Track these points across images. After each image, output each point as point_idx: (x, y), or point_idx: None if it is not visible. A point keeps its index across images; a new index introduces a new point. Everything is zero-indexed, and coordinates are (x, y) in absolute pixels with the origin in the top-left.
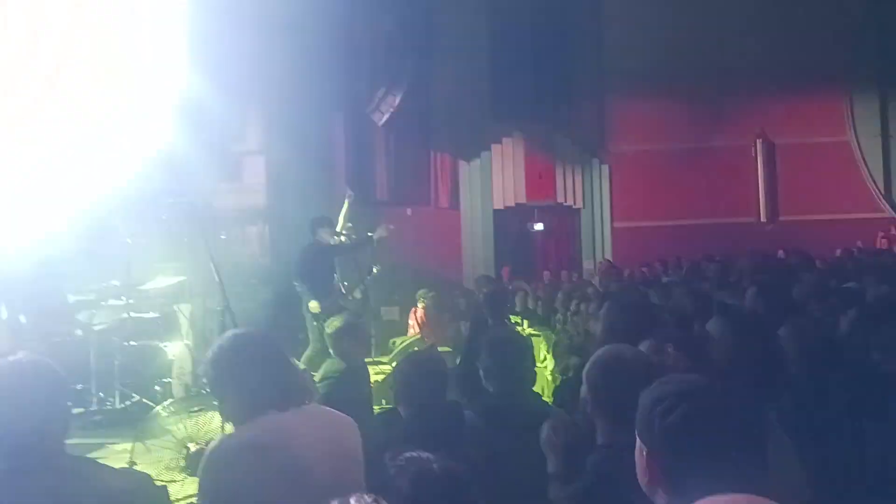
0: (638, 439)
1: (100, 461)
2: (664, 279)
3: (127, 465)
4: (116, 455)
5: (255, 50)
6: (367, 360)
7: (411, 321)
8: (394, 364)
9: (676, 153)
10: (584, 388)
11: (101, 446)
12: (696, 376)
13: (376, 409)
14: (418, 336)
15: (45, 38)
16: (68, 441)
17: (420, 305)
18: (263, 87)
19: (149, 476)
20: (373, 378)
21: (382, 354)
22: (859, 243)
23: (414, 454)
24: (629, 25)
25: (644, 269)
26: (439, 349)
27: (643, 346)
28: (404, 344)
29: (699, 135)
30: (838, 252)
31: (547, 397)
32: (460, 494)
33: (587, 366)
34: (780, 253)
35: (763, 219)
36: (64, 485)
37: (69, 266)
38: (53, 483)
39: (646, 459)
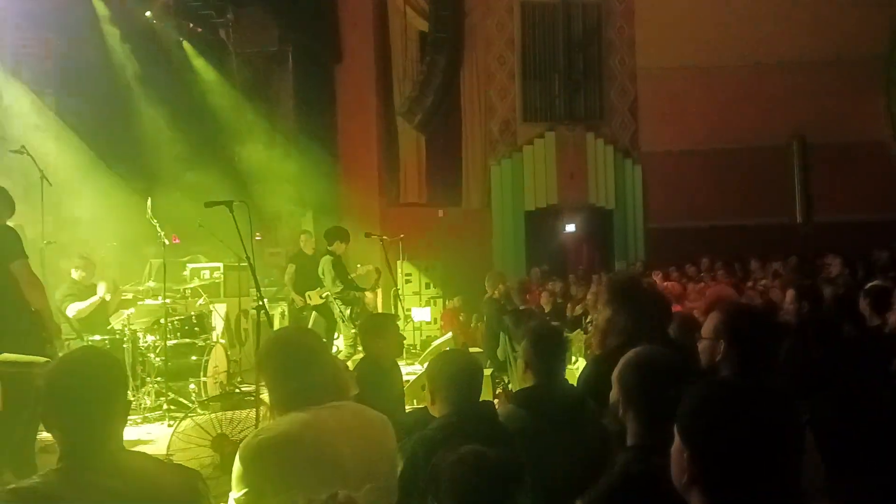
0: (678, 438)
1: (152, 456)
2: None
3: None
4: (152, 453)
5: None
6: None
7: (442, 322)
8: (425, 364)
9: (710, 153)
10: (614, 391)
11: (137, 444)
12: (739, 379)
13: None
14: (450, 337)
15: None
16: None
17: (451, 306)
18: None
19: (199, 473)
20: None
21: (414, 354)
22: None
23: (470, 447)
24: (662, 24)
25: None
26: (470, 349)
27: None
28: (436, 344)
29: (733, 135)
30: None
31: None
32: (515, 480)
33: (618, 368)
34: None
35: (799, 220)
36: (125, 480)
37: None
38: (116, 479)
39: (686, 460)
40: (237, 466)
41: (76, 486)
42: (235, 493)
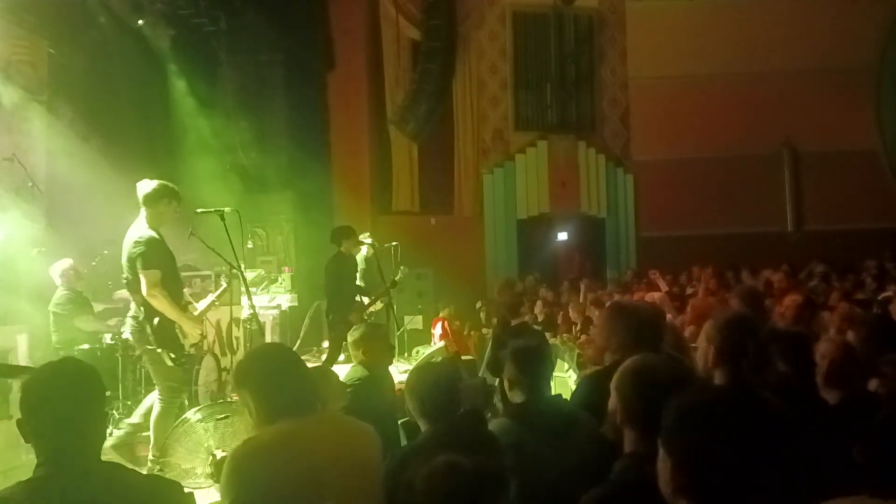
0: (661, 449)
1: (129, 467)
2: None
3: (154, 472)
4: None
5: None
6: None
7: (434, 331)
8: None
9: (701, 162)
10: (612, 399)
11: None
12: (718, 386)
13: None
14: (441, 346)
15: None
16: None
17: (442, 315)
18: None
19: (178, 483)
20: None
21: (406, 363)
22: None
23: (444, 457)
24: (653, 34)
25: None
26: (462, 358)
27: None
28: (427, 354)
29: (724, 144)
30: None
31: None
32: (492, 491)
33: (617, 376)
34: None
35: (789, 228)
36: (99, 492)
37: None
38: (90, 490)
39: (671, 470)
40: (225, 475)
41: (48, 497)
42: (223, 502)
